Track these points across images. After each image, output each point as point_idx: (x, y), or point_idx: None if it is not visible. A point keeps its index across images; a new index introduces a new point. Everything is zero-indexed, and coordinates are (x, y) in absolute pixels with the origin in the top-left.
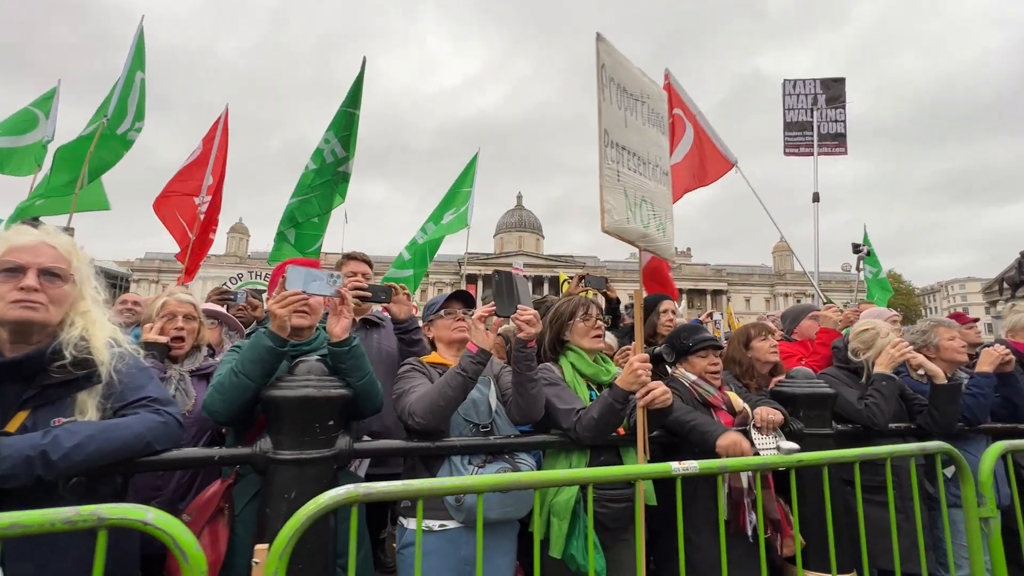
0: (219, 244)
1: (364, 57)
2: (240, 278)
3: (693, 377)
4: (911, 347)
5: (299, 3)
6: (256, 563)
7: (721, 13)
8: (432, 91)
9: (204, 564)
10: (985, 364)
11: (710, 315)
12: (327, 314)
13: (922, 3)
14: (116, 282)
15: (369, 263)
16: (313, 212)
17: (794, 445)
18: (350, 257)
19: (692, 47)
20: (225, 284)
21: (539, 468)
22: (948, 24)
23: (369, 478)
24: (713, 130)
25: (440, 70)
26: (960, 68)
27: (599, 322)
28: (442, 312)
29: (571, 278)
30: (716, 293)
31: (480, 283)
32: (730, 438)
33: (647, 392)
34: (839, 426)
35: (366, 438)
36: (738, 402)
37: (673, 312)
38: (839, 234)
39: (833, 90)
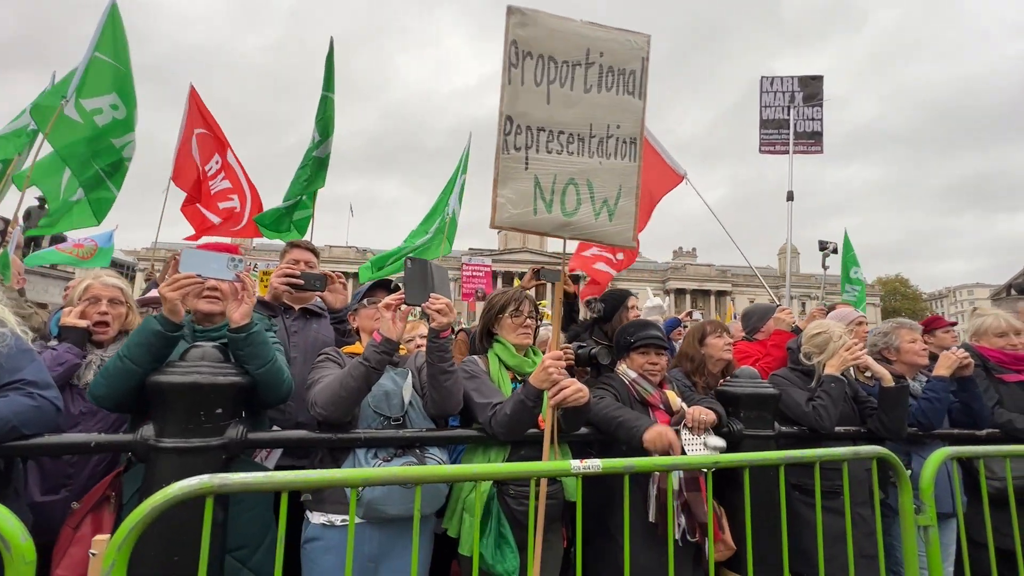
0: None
1: (332, 37)
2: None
3: (633, 375)
4: (863, 350)
5: (317, 2)
6: (93, 554)
7: (737, 17)
8: (447, 91)
9: (32, 555)
10: (942, 368)
11: (689, 314)
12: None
13: (940, 9)
14: (122, 271)
15: (315, 252)
16: (289, 196)
17: (720, 443)
18: (293, 245)
19: (708, 50)
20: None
21: (459, 463)
22: (965, 30)
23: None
24: (661, 145)
25: (456, 71)
26: (977, 74)
27: (529, 319)
28: (364, 301)
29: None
30: (720, 294)
31: None
32: (656, 431)
33: (559, 391)
34: (784, 428)
35: (275, 428)
36: (676, 401)
37: (642, 307)
38: (852, 237)
39: (811, 88)
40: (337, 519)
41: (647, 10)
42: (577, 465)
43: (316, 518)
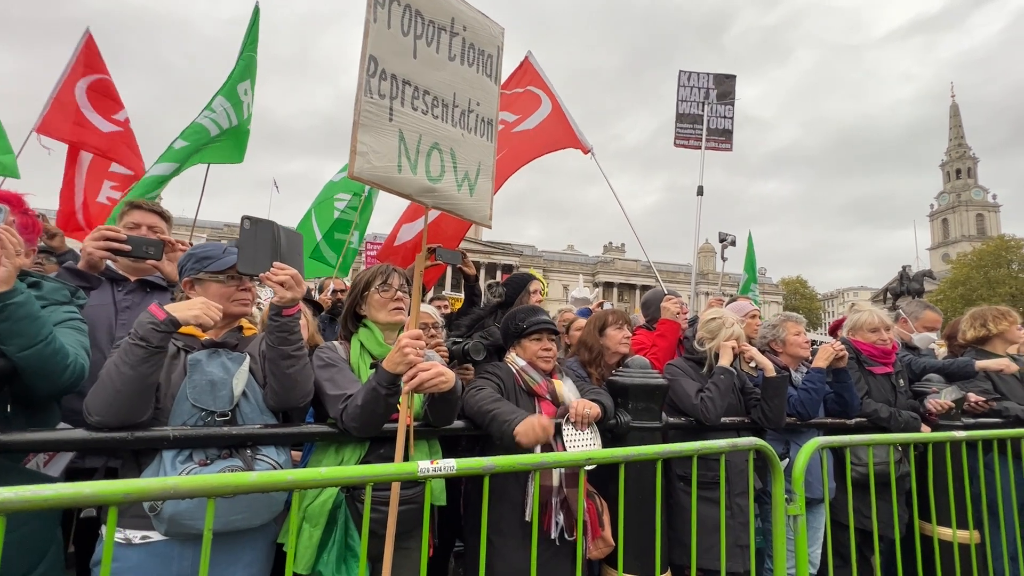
0: None
1: (257, 3)
2: None
3: (522, 363)
4: (740, 339)
5: None
6: None
7: (686, 40)
8: None
9: None
10: (819, 360)
11: (600, 304)
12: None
13: (848, 54)
14: None
15: (163, 216)
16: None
17: (586, 444)
18: (134, 206)
19: (657, 67)
20: None
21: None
22: (869, 75)
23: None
24: (571, 117)
25: None
26: (874, 112)
27: (400, 293)
28: (222, 276)
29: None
30: (645, 288)
31: None
32: (528, 422)
33: (415, 375)
34: (671, 419)
35: (63, 425)
36: (563, 392)
37: (540, 293)
38: (767, 243)
39: (724, 86)
40: (136, 536)
41: (602, 28)
42: (426, 467)
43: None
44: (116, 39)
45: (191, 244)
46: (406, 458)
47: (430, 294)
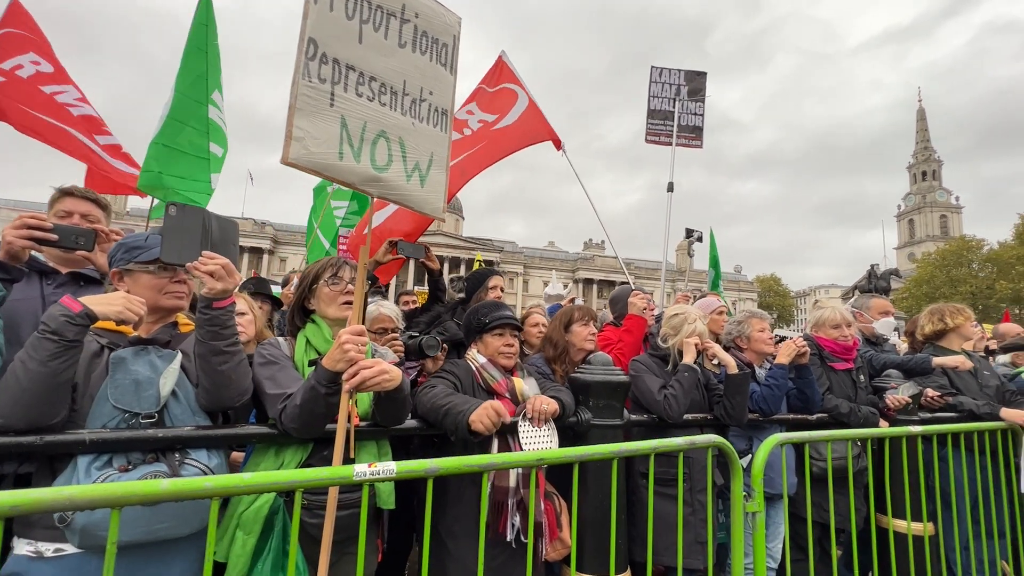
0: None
1: None
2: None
3: (483, 360)
4: (703, 335)
5: None
6: None
7: (670, 44)
8: None
9: None
10: (782, 356)
11: (572, 300)
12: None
13: (824, 62)
14: None
15: (101, 204)
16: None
17: (543, 442)
18: (66, 193)
19: (642, 69)
20: None
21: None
22: (843, 82)
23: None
24: (545, 117)
25: None
26: (847, 117)
27: (352, 286)
28: (152, 266)
29: (483, 261)
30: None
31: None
32: (481, 410)
33: (355, 372)
34: (634, 416)
35: None
36: (524, 390)
37: (502, 289)
38: (745, 242)
39: (695, 83)
40: (49, 549)
41: (589, 30)
42: (362, 471)
43: (21, 547)
44: (94, 30)
45: (116, 231)
46: (348, 460)
47: (392, 290)
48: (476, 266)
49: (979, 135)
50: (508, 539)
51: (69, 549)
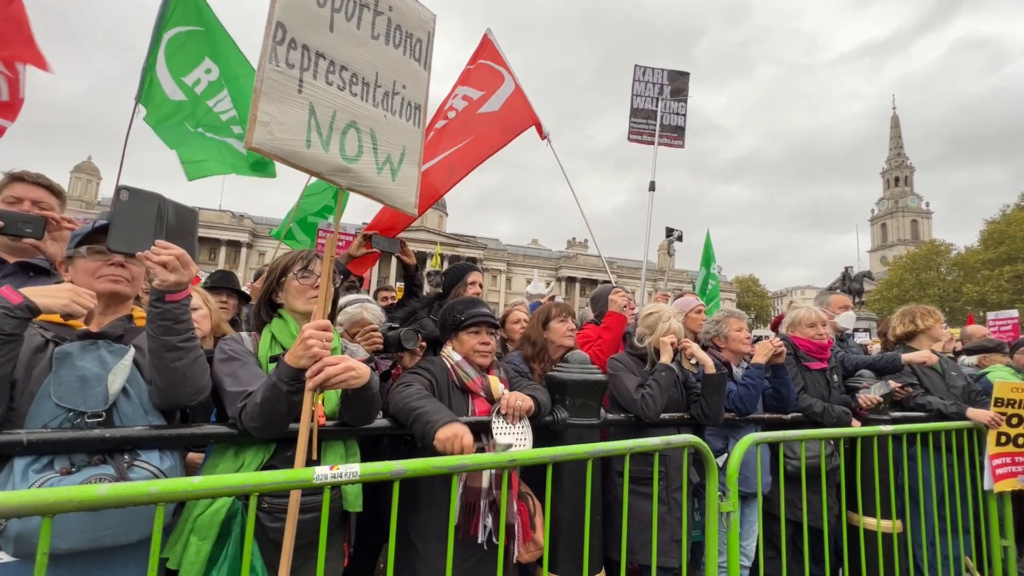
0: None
1: None
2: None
3: (458, 358)
4: (679, 334)
5: None
6: None
7: (659, 49)
8: None
9: None
10: (758, 356)
11: (552, 298)
12: None
13: (804, 72)
14: None
15: (54, 190)
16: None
17: (508, 442)
18: (15, 178)
19: (631, 73)
20: None
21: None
22: (822, 92)
23: None
24: (529, 103)
25: None
26: (827, 126)
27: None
28: (83, 249)
29: (452, 257)
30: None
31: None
32: (451, 430)
33: (320, 369)
34: (610, 415)
35: None
36: (499, 389)
37: (482, 285)
38: (727, 243)
39: (678, 83)
40: None
41: (580, 33)
42: (323, 473)
43: None
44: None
45: (70, 220)
46: (313, 461)
47: (373, 285)
48: (436, 260)
49: (949, 145)
50: (480, 541)
51: (4, 558)
